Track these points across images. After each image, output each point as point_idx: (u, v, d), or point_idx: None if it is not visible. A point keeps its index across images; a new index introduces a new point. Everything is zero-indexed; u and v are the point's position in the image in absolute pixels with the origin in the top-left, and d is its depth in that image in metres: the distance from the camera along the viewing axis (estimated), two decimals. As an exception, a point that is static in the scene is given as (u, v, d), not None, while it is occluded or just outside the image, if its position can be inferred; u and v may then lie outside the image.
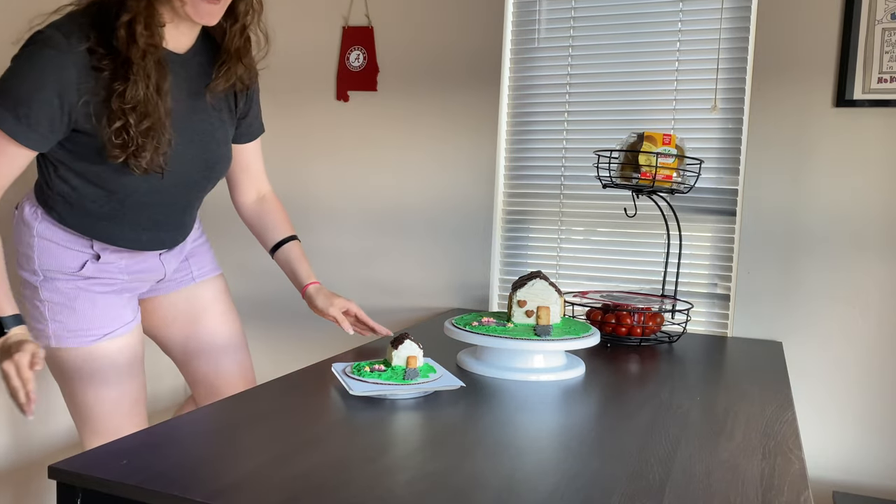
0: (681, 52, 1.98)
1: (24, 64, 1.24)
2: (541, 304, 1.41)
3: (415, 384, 1.23)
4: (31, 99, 1.24)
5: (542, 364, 1.40)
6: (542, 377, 1.36)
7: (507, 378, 1.36)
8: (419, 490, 0.84)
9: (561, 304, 1.43)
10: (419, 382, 1.24)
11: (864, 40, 1.78)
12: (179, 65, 1.38)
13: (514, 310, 1.43)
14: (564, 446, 1.01)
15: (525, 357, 1.39)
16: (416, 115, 2.22)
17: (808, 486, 0.90)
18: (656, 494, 0.85)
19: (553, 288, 1.41)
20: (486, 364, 1.41)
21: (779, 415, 1.20)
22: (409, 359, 1.28)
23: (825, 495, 1.84)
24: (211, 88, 1.42)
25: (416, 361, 1.28)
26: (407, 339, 1.29)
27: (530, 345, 1.33)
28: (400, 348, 1.28)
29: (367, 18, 2.26)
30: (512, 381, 1.35)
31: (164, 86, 1.30)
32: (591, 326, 1.46)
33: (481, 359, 1.43)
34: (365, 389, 1.20)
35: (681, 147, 1.74)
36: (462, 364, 1.45)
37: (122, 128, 1.27)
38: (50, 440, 2.08)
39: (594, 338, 1.40)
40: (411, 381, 1.24)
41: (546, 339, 1.34)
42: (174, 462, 0.90)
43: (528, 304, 1.41)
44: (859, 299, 1.83)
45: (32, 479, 2.03)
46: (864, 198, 1.81)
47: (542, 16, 2.12)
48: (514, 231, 2.19)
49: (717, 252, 1.98)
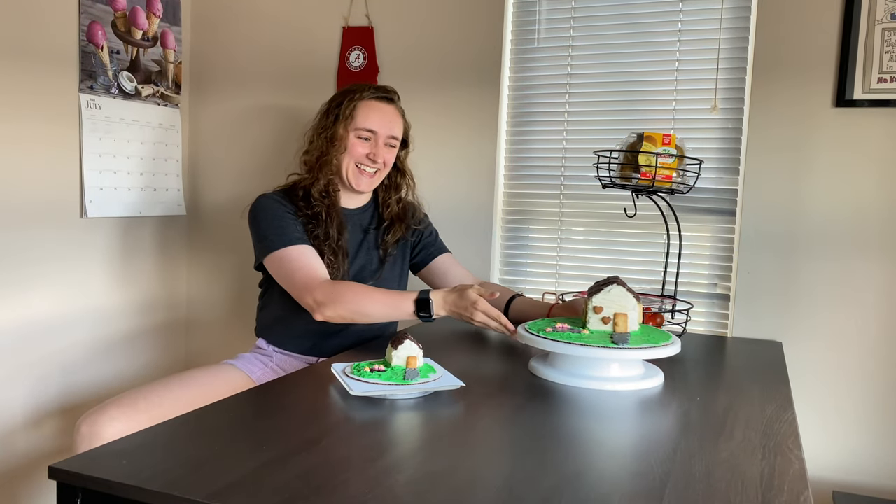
0: (681, 52, 1.98)
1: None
2: (618, 310, 1.36)
3: (415, 384, 1.22)
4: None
5: (618, 373, 1.34)
6: (617, 386, 1.31)
7: (579, 386, 1.32)
8: (419, 490, 0.84)
9: (639, 311, 1.38)
10: (419, 383, 1.23)
11: (864, 40, 1.78)
12: (354, 217, 1.82)
13: (589, 316, 1.38)
14: (564, 446, 1.01)
15: (601, 365, 1.34)
16: (416, 115, 2.21)
17: (807, 486, 0.90)
18: (656, 494, 0.85)
19: (631, 294, 1.36)
20: (558, 370, 1.36)
21: (779, 415, 1.20)
22: (408, 359, 1.27)
23: (825, 495, 1.84)
24: (382, 246, 1.83)
25: (416, 362, 1.27)
26: (407, 339, 1.28)
27: (606, 353, 1.28)
28: (399, 348, 1.27)
29: (367, 18, 2.26)
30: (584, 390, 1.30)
31: (343, 237, 1.73)
32: (670, 335, 1.40)
33: (555, 365, 1.39)
34: (365, 390, 1.19)
35: (681, 147, 1.74)
36: (534, 370, 1.41)
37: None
38: (50, 440, 2.08)
39: (674, 346, 1.34)
40: (411, 382, 1.23)
41: (623, 347, 1.29)
42: (174, 462, 0.90)
43: (604, 310, 1.36)
44: (859, 299, 1.83)
45: (32, 479, 2.03)
46: (864, 198, 1.81)
47: (542, 16, 2.11)
48: (514, 231, 2.18)
49: (717, 252, 1.98)
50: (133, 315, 2.33)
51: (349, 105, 1.74)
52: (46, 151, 1.99)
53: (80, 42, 2.05)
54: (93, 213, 2.12)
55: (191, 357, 2.57)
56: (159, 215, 2.39)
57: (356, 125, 1.73)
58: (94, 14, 2.08)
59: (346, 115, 1.74)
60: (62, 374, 2.10)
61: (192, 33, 2.49)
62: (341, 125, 1.74)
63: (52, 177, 2.01)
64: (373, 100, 1.77)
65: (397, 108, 1.81)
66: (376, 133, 1.75)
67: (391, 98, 1.80)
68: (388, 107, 1.78)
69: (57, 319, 2.07)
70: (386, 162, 1.79)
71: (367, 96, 1.76)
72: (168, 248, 2.46)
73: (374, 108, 1.76)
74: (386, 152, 1.78)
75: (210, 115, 2.49)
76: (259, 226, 1.68)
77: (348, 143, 1.73)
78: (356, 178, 1.76)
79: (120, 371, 2.30)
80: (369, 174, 1.77)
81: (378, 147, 1.75)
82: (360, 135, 1.74)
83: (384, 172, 1.81)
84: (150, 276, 2.39)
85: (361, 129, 1.74)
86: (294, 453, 0.94)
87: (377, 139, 1.75)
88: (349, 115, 1.74)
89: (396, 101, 1.82)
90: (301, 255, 1.63)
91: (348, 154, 1.74)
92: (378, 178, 1.80)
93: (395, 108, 1.80)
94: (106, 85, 2.14)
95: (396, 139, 1.80)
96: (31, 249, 1.97)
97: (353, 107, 1.74)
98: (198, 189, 2.52)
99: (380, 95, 1.78)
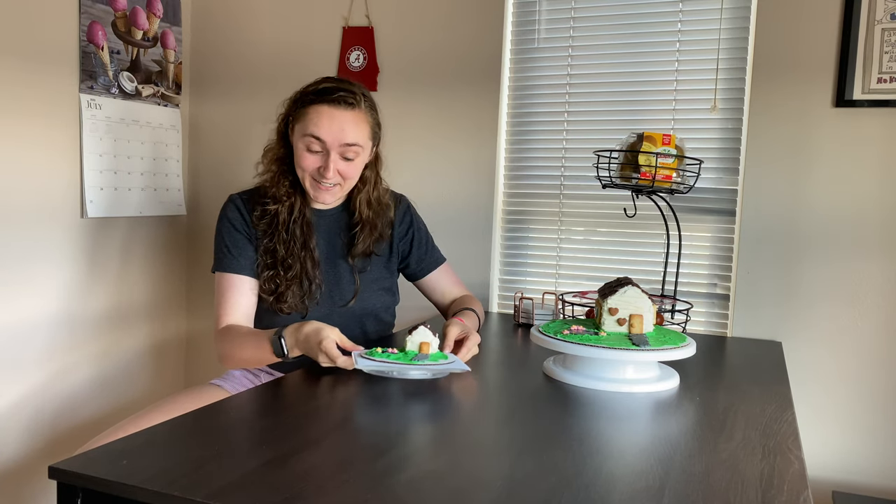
0: (681, 52, 1.98)
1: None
2: (634, 311, 1.36)
3: (420, 364, 1.27)
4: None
5: (633, 375, 1.34)
6: (634, 388, 1.30)
7: (592, 388, 1.31)
8: (419, 490, 0.84)
9: (654, 313, 1.38)
10: (425, 364, 1.27)
11: (864, 40, 1.78)
12: (324, 219, 1.65)
13: (604, 318, 1.37)
14: (564, 446, 1.01)
15: (620, 367, 1.33)
16: (416, 115, 2.22)
17: (807, 486, 0.90)
18: (656, 494, 0.85)
19: (646, 295, 1.36)
20: (573, 372, 1.35)
21: (778, 415, 1.20)
22: (421, 345, 1.32)
23: (825, 495, 1.84)
24: (352, 254, 1.63)
25: (429, 348, 1.32)
26: (422, 327, 1.34)
27: (627, 355, 1.27)
28: (414, 334, 1.33)
29: (367, 18, 2.26)
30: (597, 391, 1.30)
31: (311, 242, 1.58)
32: (685, 336, 1.40)
33: (569, 367, 1.38)
34: (368, 365, 1.25)
35: (680, 147, 1.74)
36: (548, 372, 1.40)
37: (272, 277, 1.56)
38: (49, 440, 2.08)
39: (691, 347, 1.34)
40: (417, 362, 1.27)
41: (645, 348, 1.28)
42: (174, 462, 0.90)
43: (619, 311, 1.36)
44: (859, 299, 1.83)
45: (32, 479, 2.03)
46: (864, 198, 1.81)
47: (542, 16, 2.11)
48: (514, 231, 2.18)
49: (716, 252, 1.98)
50: (133, 315, 2.33)
51: (301, 108, 1.53)
52: (47, 151, 1.99)
53: (80, 42, 2.05)
54: (93, 213, 2.12)
55: (191, 356, 2.57)
56: (159, 215, 2.39)
57: (304, 131, 1.51)
58: (95, 14, 2.08)
59: (296, 119, 1.54)
60: (62, 373, 2.10)
61: (192, 33, 2.49)
62: (291, 130, 1.57)
63: (53, 177, 2.01)
64: (328, 104, 1.50)
65: (359, 111, 1.53)
66: (325, 143, 1.50)
67: (352, 102, 1.52)
68: (346, 112, 1.51)
69: (57, 319, 2.07)
70: (345, 174, 1.55)
71: (322, 100, 1.51)
72: (168, 248, 2.46)
73: (326, 115, 1.50)
74: (343, 165, 1.53)
75: (210, 115, 2.49)
76: (215, 236, 1.61)
77: (298, 152, 1.53)
78: (314, 192, 1.56)
79: (120, 371, 2.30)
80: (327, 188, 1.55)
81: (329, 160, 1.51)
82: (309, 144, 1.51)
83: (349, 184, 1.59)
84: (150, 275, 2.39)
85: (310, 137, 1.51)
86: (294, 453, 0.94)
87: (328, 149, 1.51)
88: (299, 119, 1.53)
89: (357, 103, 1.53)
90: (230, 287, 1.55)
91: (299, 166, 1.54)
92: (341, 190, 1.58)
93: (355, 112, 1.52)
94: (106, 85, 2.14)
95: (355, 145, 1.53)
96: (31, 249, 1.97)
97: (305, 112, 1.52)
98: (198, 189, 2.52)
99: (338, 98, 1.51)
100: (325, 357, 1.30)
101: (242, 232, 1.58)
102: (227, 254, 1.57)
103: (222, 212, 1.62)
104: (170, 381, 2.52)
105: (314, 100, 1.52)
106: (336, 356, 1.29)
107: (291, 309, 1.55)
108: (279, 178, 1.59)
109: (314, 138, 1.51)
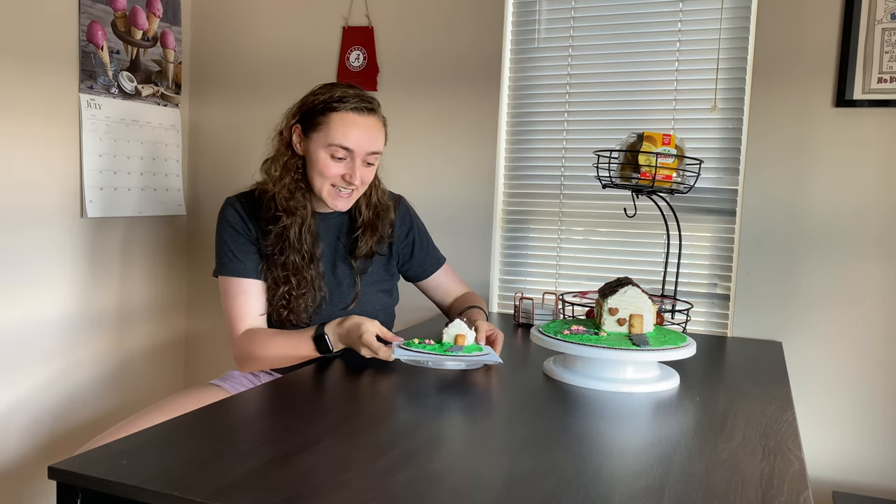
0: (681, 52, 1.98)
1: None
2: (634, 311, 1.36)
3: (455, 356, 1.31)
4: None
5: (633, 375, 1.33)
6: (634, 388, 1.30)
7: (592, 388, 1.31)
8: (419, 490, 0.84)
9: (654, 313, 1.38)
10: (458, 355, 1.32)
11: (864, 40, 1.78)
12: (326, 222, 1.63)
13: (604, 318, 1.37)
14: (564, 446, 1.01)
15: (620, 367, 1.33)
16: (416, 115, 2.22)
17: (807, 486, 0.90)
18: (656, 494, 0.85)
19: (646, 295, 1.37)
20: (573, 372, 1.35)
21: (778, 415, 1.20)
22: (457, 337, 1.37)
23: (825, 495, 1.84)
24: (355, 256, 1.63)
25: (465, 340, 1.36)
26: (458, 320, 1.39)
27: (627, 355, 1.27)
28: (450, 326, 1.38)
29: (367, 18, 2.26)
30: (597, 391, 1.30)
31: (317, 251, 1.58)
32: (685, 335, 1.41)
33: (569, 367, 1.38)
34: (406, 355, 1.32)
35: (680, 147, 1.74)
36: (548, 372, 1.40)
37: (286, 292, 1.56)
38: (49, 440, 2.08)
39: (691, 347, 1.34)
40: (451, 353, 1.32)
41: (645, 349, 1.28)
42: (174, 462, 0.90)
43: (620, 311, 1.37)
44: (859, 299, 1.83)
45: (33, 479, 2.03)
46: (864, 198, 1.81)
47: (542, 16, 2.11)
48: (514, 231, 2.18)
49: (716, 252, 1.98)
50: (133, 315, 2.33)
51: (321, 116, 1.51)
52: (46, 151, 1.99)
53: (80, 42, 2.05)
54: (93, 213, 2.12)
55: (190, 356, 2.57)
56: (159, 215, 2.39)
57: (330, 141, 1.49)
58: (94, 14, 2.08)
59: (313, 128, 1.52)
60: (62, 373, 2.10)
61: (192, 33, 2.49)
62: (305, 139, 1.54)
63: (52, 177, 2.01)
64: (351, 112, 1.50)
65: (378, 117, 1.56)
66: (353, 151, 1.50)
67: (372, 108, 1.54)
68: (369, 119, 1.52)
69: (57, 319, 2.07)
70: (364, 180, 1.55)
71: (345, 108, 1.50)
72: (168, 249, 2.46)
73: (352, 124, 1.50)
74: (365, 171, 1.54)
75: (210, 115, 2.49)
76: (216, 240, 1.59)
77: (321, 161, 1.51)
78: (333, 201, 1.55)
79: (120, 371, 2.30)
80: (346, 194, 1.55)
81: (355, 167, 1.51)
82: (334, 153, 1.50)
83: (363, 189, 1.59)
84: (150, 275, 2.39)
85: (336, 147, 1.49)
86: (294, 453, 0.94)
87: (354, 157, 1.51)
88: (319, 128, 1.51)
89: (375, 109, 1.55)
90: (241, 292, 1.54)
91: (320, 175, 1.52)
92: (357, 195, 1.58)
93: (376, 118, 1.54)
94: (106, 85, 2.14)
95: (378, 153, 1.56)
96: (31, 249, 1.97)
97: (326, 120, 1.50)
98: (197, 189, 2.52)
99: (360, 106, 1.51)
100: (366, 349, 1.37)
101: (244, 234, 1.57)
102: (232, 258, 1.56)
103: (221, 215, 1.60)
104: (170, 381, 2.52)
105: (336, 108, 1.50)
106: (378, 348, 1.36)
107: (299, 320, 1.55)
108: (294, 190, 1.55)
109: (341, 147, 1.49)
